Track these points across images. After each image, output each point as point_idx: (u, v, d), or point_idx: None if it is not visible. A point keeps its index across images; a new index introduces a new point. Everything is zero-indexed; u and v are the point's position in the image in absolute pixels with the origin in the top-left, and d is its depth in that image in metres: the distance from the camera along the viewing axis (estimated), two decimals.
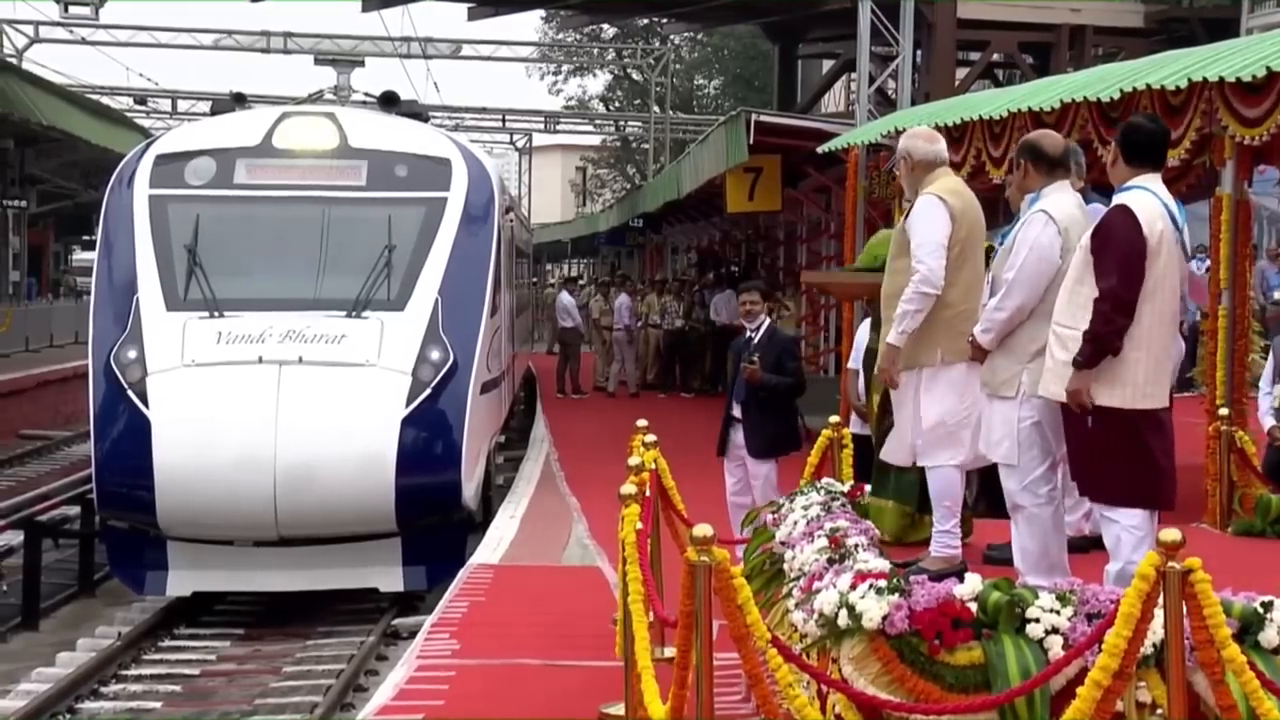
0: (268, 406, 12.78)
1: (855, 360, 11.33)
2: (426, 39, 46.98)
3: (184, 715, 11.02)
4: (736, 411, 10.35)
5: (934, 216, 6.96)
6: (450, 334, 13.67)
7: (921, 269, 6.90)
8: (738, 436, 10.36)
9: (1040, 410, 6.33)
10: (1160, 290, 6.02)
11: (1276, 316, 10.22)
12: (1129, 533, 5.99)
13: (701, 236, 36.56)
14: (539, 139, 62.68)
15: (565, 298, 28.96)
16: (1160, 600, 4.70)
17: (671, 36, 57.14)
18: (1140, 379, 6.01)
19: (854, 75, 22.73)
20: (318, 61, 43.34)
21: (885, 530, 7.73)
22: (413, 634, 10.60)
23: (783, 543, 7.04)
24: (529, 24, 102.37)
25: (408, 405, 13.11)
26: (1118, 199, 6.09)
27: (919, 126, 7.93)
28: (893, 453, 7.46)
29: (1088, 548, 7.16)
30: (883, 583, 5.35)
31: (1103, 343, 5.94)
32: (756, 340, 10.38)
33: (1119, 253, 5.92)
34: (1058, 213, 6.40)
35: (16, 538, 14.98)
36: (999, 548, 7.24)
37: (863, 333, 11.15)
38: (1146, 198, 6.06)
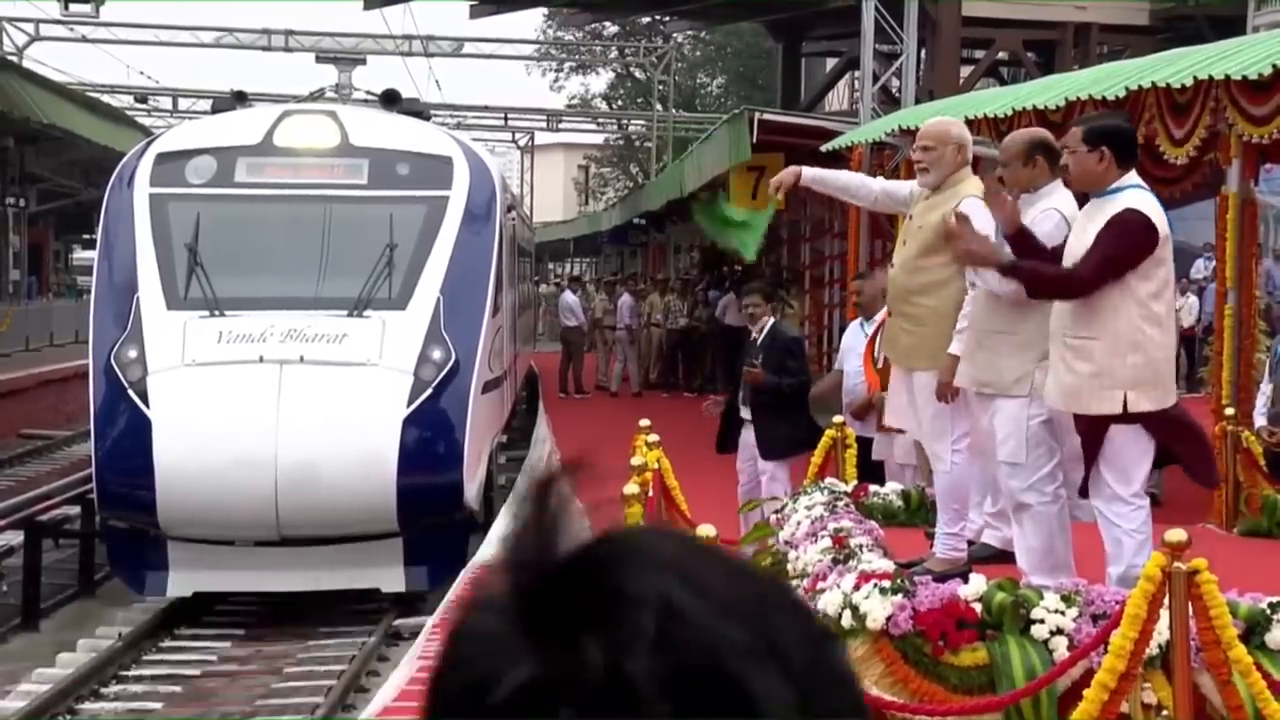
0: (269, 406, 12.75)
1: (841, 361, 11.24)
2: (428, 37, 46.96)
3: (185, 716, 10.98)
4: (746, 413, 10.37)
5: (988, 224, 6.84)
6: (452, 333, 13.63)
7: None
8: (749, 437, 10.39)
9: (1049, 408, 6.28)
10: (1169, 287, 6.02)
11: None
12: (1130, 536, 5.94)
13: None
14: (541, 137, 62.61)
15: (568, 296, 28.93)
16: (1166, 601, 4.67)
17: (674, 34, 57.08)
18: (1167, 380, 6.06)
19: (858, 73, 22.69)
20: (319, 60, 43.28)
21: None
22: (414, 634, 10.57)
23: (786, 542, 7.00)
24: (531, 22, 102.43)
25: (409, 405, 13.07)
26: (1131, 199, 6.02)
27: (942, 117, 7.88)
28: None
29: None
30: (886, 583, 5.32)
31: (1037, 287, 5.93)
32: (759, 342, 10.38)
33: (1124, 251, 5.89)
34: (1069, 211, 6.37)
35: (17, 538, 14.93)
36: (979, 545, 7.17)
37: (853, 334, 11.07)
38: (1152, 198, 6.06)
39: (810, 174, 7.71)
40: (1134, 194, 6.05)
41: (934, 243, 6.93)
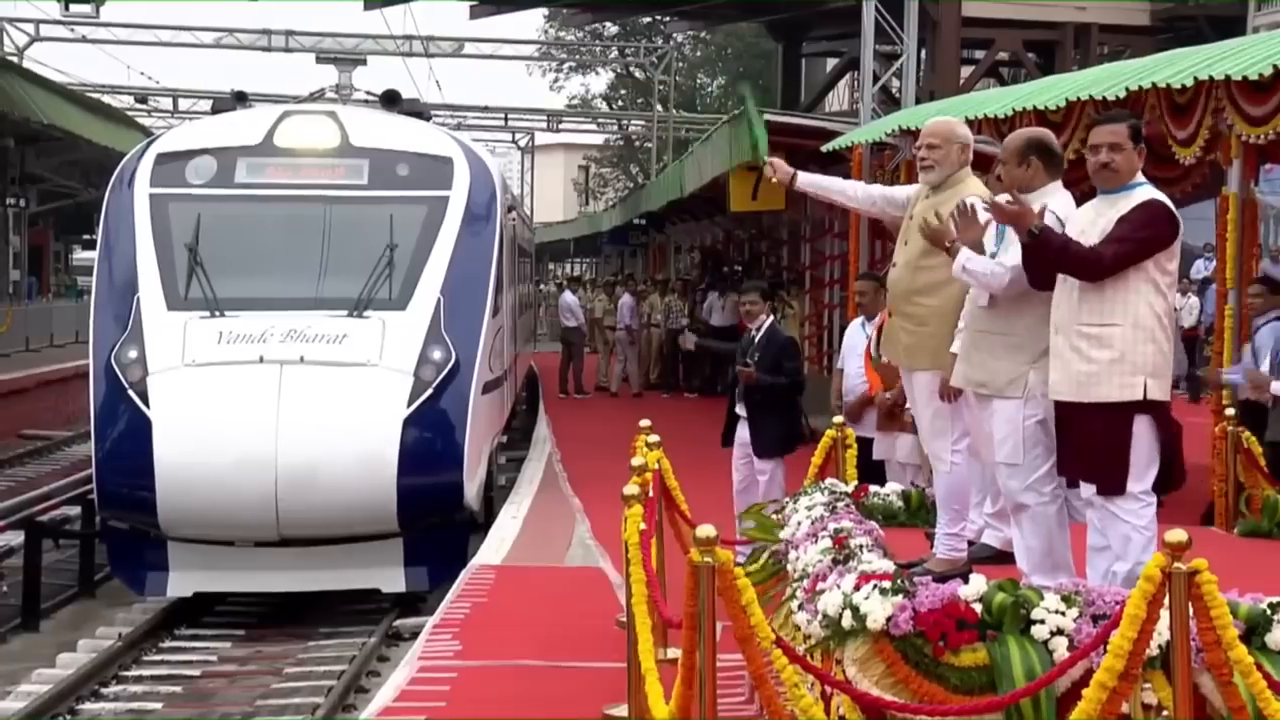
0: (269, 406, 12.74)
1: (842, 362, 11.27)
2: (428, 37, 47.01)
3: (185, 717, 10.99)
4: (742, 410, 10.42)
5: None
6: (452, 334, 13.62)
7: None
8: (744, 434, 10.44)
9: (1045, 408, 6.27)
10: (1175, 284, 6.03)
11: (1261, 309, 10.13)
12: (1139, 533, 5.93)
13: (705, 236, 36.50)
14: (541, 138, 62.69)
15: (568, 297, 28.95)
16: (1166, 601, 4.66)
17: (674, 34, 57.12)
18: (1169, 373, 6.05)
19: (858, 74, 22.69)
20: (319, 60, 43.33)
21: None
22: (415, 635, 10.56)
23: (787, 543, 7.00)
24: (531, 22, 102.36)
25: (409, 405, 13.06)
26: (1151, 192, 6.02)
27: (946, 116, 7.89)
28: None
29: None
30: (887, 584, 5.32)
31: (1061, 259, 5.92)
32: (756, 340, 10.45)
33: (1150, 235, 5.89)
34: (1066, 213, 6.35)
35: (17, 538, 14.94)
36: (979, 545, 7.17)
37: (854, 334, 11.08)
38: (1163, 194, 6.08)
39: (806, 178, 7.71)
40: (1151, 189, 6.07)
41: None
